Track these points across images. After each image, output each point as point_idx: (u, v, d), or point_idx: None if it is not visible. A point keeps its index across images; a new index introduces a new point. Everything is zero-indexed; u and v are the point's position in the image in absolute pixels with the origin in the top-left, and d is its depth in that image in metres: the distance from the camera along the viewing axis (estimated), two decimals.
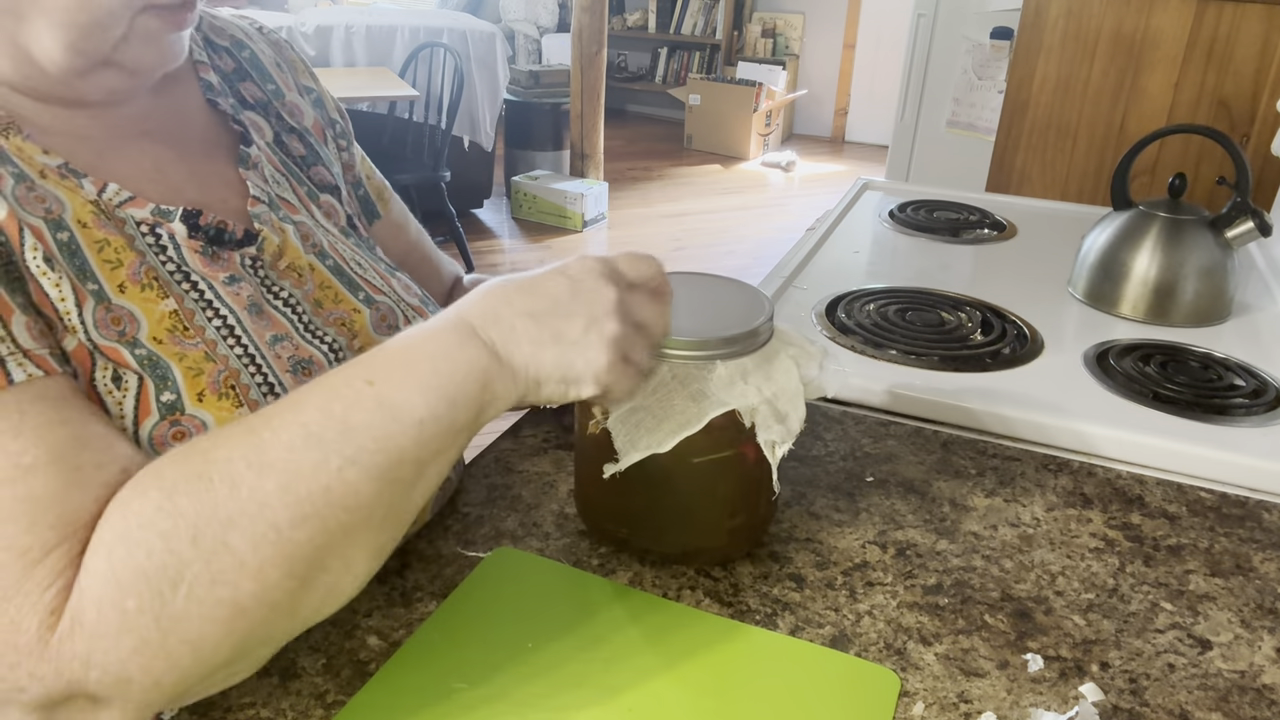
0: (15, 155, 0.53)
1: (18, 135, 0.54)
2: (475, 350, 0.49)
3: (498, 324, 0.50)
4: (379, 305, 0.68)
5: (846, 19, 6.22)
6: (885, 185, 1.74)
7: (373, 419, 0.47)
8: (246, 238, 0.61)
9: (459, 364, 0.49)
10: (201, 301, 0.57)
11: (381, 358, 0.49)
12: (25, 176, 0.52)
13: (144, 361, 0.53)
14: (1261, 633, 0.65)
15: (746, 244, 4.35)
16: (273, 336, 0.60)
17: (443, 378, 0.48)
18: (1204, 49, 1.89)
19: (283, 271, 0.63)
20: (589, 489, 0.69)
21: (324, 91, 0.79)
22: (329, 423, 0.46)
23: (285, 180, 0.69)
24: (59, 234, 0.52)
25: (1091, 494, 0.80)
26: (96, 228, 0.54)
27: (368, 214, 0.81)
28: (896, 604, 0.66)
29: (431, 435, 0.48)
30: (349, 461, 0.46)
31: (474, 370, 0.49)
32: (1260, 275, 1.33)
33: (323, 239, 0.68)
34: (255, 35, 0.75)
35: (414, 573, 0.67)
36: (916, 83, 2.83)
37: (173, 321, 0.55)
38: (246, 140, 0.66)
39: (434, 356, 0.49)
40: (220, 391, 0.55)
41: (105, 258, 0.54)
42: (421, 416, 0.47)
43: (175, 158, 0.62)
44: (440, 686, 0.56)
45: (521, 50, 6.17)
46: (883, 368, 1.00)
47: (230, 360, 0.56)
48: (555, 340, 0.51)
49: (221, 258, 0.60)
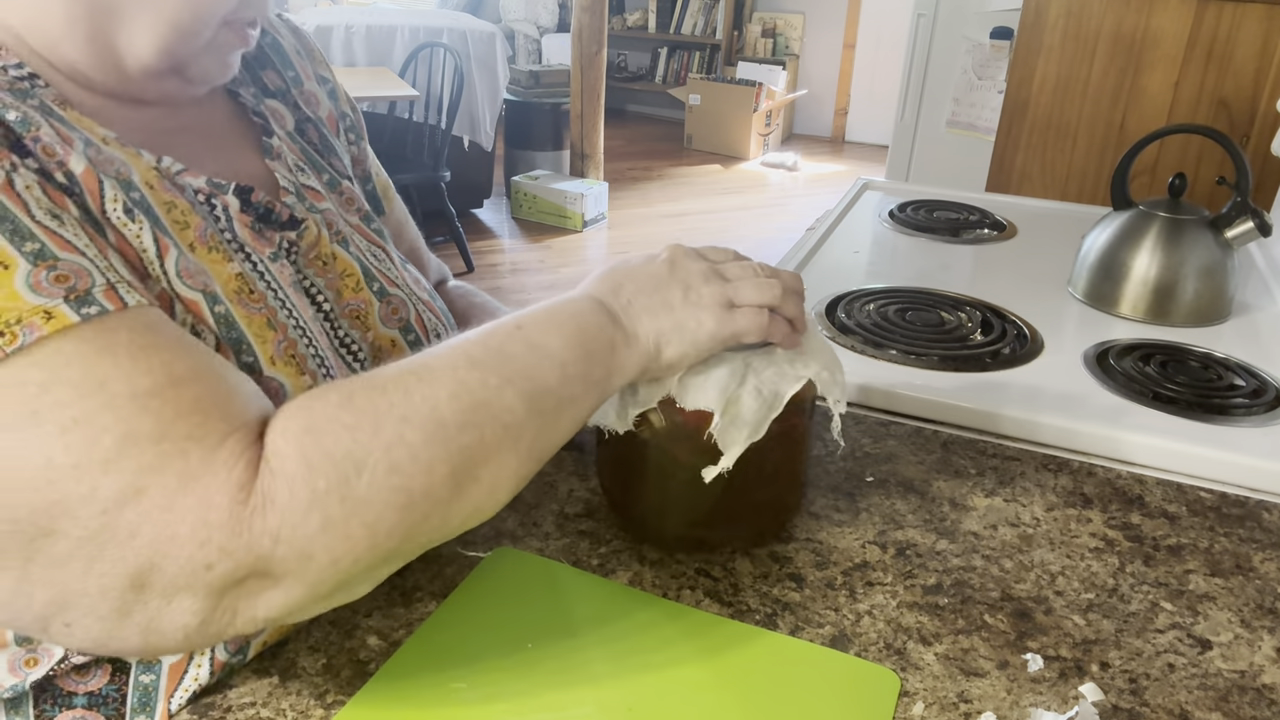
0: (76, 123, 0.54)
1: (74, 109, 0.55)
2: (605, 317, 0.57)
3: (617, 299, 0.58)
4: (391, 298, 0.69)
5: (846, 19, 6.22)
6: (885, 185, 1.74)
7: (524, 352, 0.53)
8: (291, 222, 0.63)
9: (592, 324, 0.56)
10: (255, 272, 0.59)
11: (529, 313, 0.56)
12: (91, 142, 0.53)
13: (220, 320, 0.54)
14: (1261, 633, 0.65)
15: (746, 244, 4.35)
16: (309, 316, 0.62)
17: (582, 333, 0.55)
18: (1204, 49, 1.89)
19: (310, 261, 0.65)
20: (658, 502, 0.68)
21: (338, 84, 0.80)
22: (488, 352, 0.52)
23: (308, 169, 0.70)
24: (131, 193, 0.53)
25: (1091, 494, 0.80)
26: (162, 190, 0.56)
27: (374, 210, 0.81)
28: (896, 604, 0.66)
29: (572, 377, 0.54)
30: (506, 381, 0.51)
31: (604, 332, 0.56)
32: (1260, 275, 1.33)
33: (344, 227, 0.69)
34: (277, 21, 0.75)
35: (414, 573, 0.67)
36: (916, 83, 2.83)
37: (239, 284, 0.56)
38: (268, 131, 0.67)
39: (575, 315, 0.56)
40: (285, 359, 0.57)
41: (174, 219, 0.55)
42: (564, 359, 0.54)
43: (210, 146, 0.63)
44: (440, 686, 0.56)
45: (521, 50, 6.17)
46: (883, 368, 1.00)
47: (289, 330, 0.58)
48: (666, 308, 0.58)
49: (265, 236, 0.61)
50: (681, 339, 0.58)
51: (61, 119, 0.53)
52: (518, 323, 0.54)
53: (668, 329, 0.58)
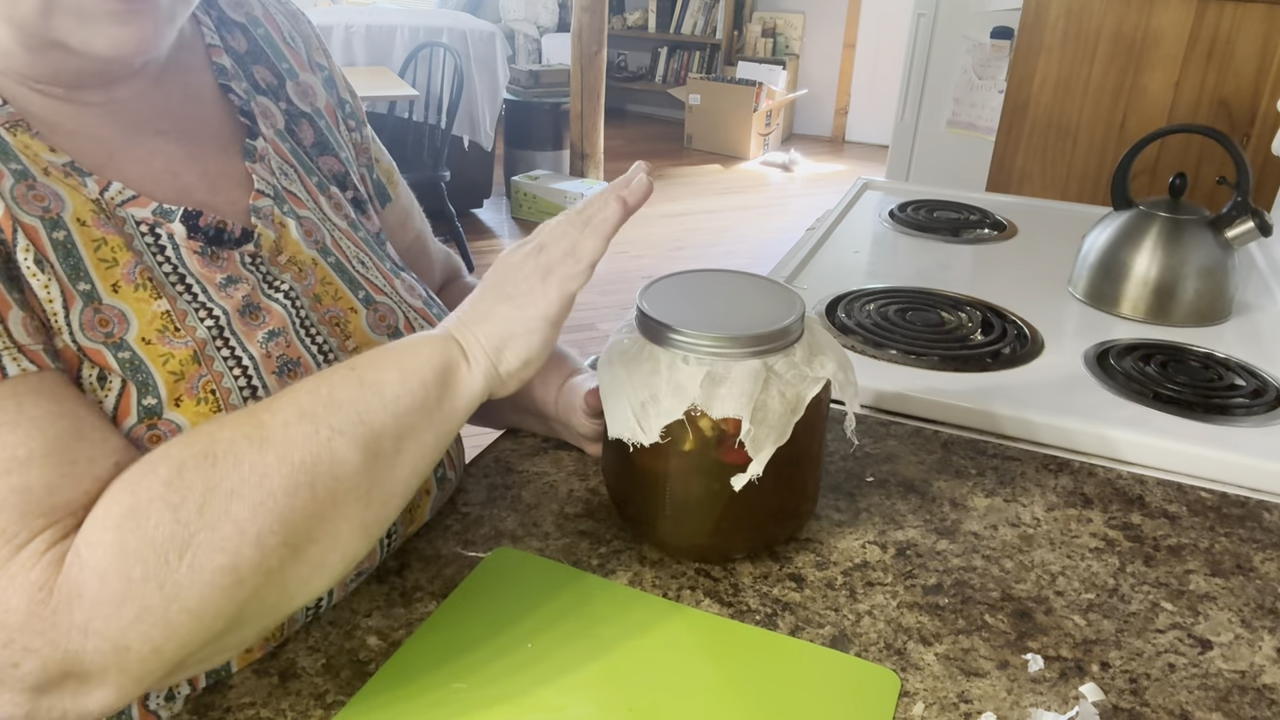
0: (21, 151, 0.53)
1: (25, 132, 0.54)
2: (441, 341, 0.56)
3: (458, 317, 0.57)
4: (378, 306, 0.68)
5: (846, 19, 6.22)
6: (885, 185, 1.74)
7: (354, 395, 0.52)
8: (244, 235, 0.62)
9: (428, 349, 0.55)
10: (195, 303, 0.57)
11: (365, 353, 0.55)
12: (27, 174, 0.53)
13: (125, 365, 0.53)
14: (1262, 633, 0.64)
15: (746, 244, 4.35)
16: (266, 334, 0.60)
17: (414, 359, 0.54)
18: (1204, 49, 1.89)
19: (284, 265, 0.63)
20: (679, 512, 0.67)
21: (335, 69, 0.78)
22: (318, 400, 0.51)
23: (294, 171, 0.68)
24: (55, 233, 0.53)
25: (1092, 494, 0.80)
26: (95, 226, 0.55)
27: (380, 197, 0.80)
28: (896, 604, 0.66)
29: (406, 410, 0.53)
30: (337, 432, 0.50)
31: (440, 356, 0.55)
32: (1260, 275, 1.33)
33: (327, 234, 0.68)
34: (273, 6, 0.73)
35: (414, 573, 0.67)
36: (916, 82, 2.83)
37: (164, 322, 0.56)
38: (253, 133, 0.66)
39: (410, 345, 0.56)
40: (199, 396, 0.55)
41: (101, 256, 0.54)
42: (397, 393, 0.53)
43: (186, 157, 0.62)
44: (440, 686, 0.56)
45: (521, 50, 6.17)
46: (883, 368, 1.00)
47: (216, 363, 0.57)
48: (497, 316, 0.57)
49: (221, 257, 0.60)
50: (515, 341, 0.56)
51: (3, 147, 0.52)
52: (351, 363, 0.54)
53: (501, 336, 0.56)
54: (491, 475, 0.79)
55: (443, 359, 0.55)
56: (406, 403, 0.53)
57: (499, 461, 0.81)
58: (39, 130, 0.55)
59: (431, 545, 0.70)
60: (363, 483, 0.51)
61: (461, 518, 0.73)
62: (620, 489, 0.71)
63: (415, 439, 0.53)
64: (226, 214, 0.61)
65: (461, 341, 0.56)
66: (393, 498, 0.54)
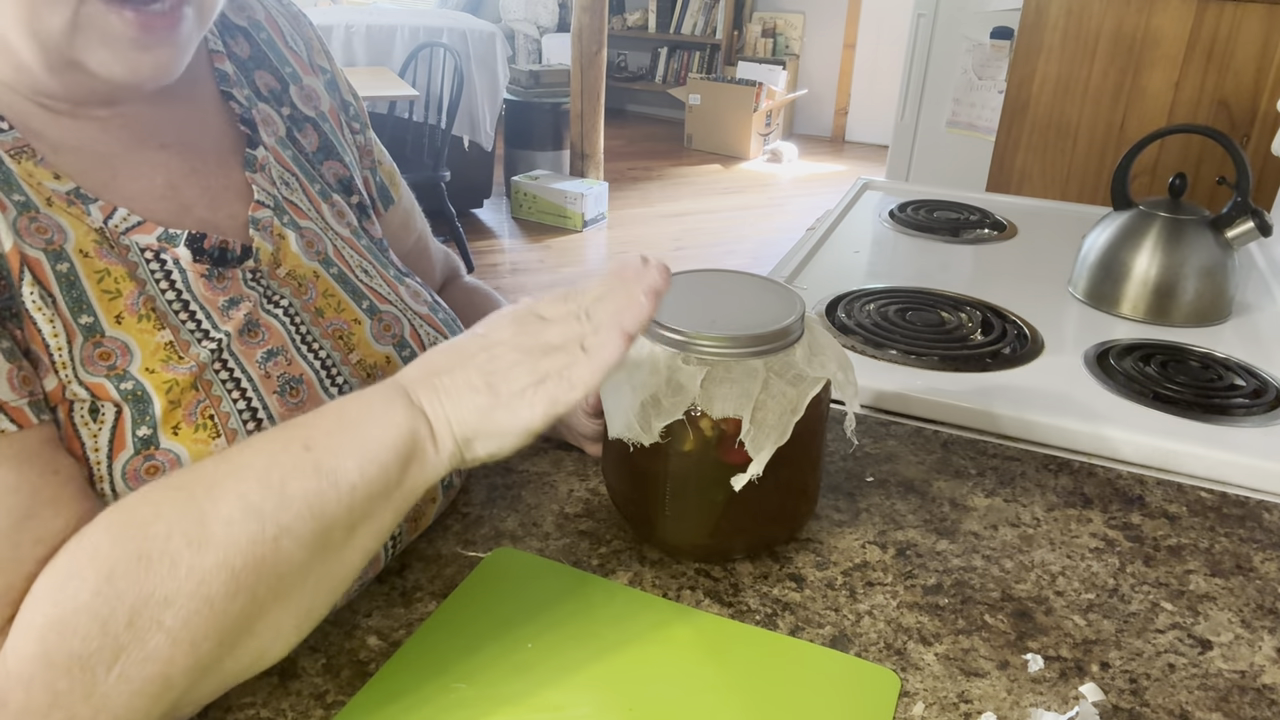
0: (24, 180, 0.53)
1: (30, 160, 0.53)
2: (406, 414, 0.51)
3: (430, 387, 0.52)
4: (382, 315, 0.67)
5: (846, 19, 6.22)
6: (885, 185, 1.74)
7: (308, 486, 0.48)
8: (244, 252, 0.61)
9: (387, 428, 0.51)
10: (199, 332, 0.57)
11: (320, 422, 0.51)
12: (30, 205, 0.52)
13: (128, 395, 0.53)
14: (1262, 633, 0.64)
15: (747, 244, 4.35)
16: (265, 353, 0.59)
17: (376, 442, 0.50)
18: (1204, 49, 1.89)
19: (283, 280, 0.63)
20: (679, 512, 0.67)
21: (338, 72, 0.77)
22: (267, 492, 0.48)
23: (295, 180, 0.68)
24: (59, 265, 0.52)
25: (1092, 494, 0.80)
26: (98, 257, 0.54)
27: (383, 200, 0.80)
28: (896, 604, 0.66)
29: (362, 498, 0.50)
30: (285, 530, 0.47)
31: (401, 433, 0.51)
32: (1260, 275, 1.33)
33: (329, 244, 0.67)
34: (274, 9, 0.73)
35: (414, 573, 0.67)
36: (916, 83, 2.83)
37: (167, 353, 0.55)
38: (253, 143, 0.66)
39: (364, 421, 0.51)
40: (198, 423, 0.54)
41: (104, 288, 0.54)
42: (354, 482, 0.49)
43: (189, 171, 0.61)
44: (440, 686, 0.56)
45: (521, 50, 6.17)
46: (883, 368, 1.00)
47: (214, 386, 0.56)
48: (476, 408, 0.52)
49: (226, 278, 0.59)
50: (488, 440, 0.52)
51: (7, 176, 0.52)
52: (306, 441, 0.50)
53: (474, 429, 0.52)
54: (491, 475, 0.79)
55: (407, 440, 0.51)
56: (364, 492, 0.50)
57: (499, 462, 0.81)
58: (43, 155, 0.54)
59: (432, 545, 0.70)
60: (309, 575, 0.49)
61: (461, 518, 0.73)
62: (620, 489, 0.71)
63: (370, 523, 0.51)
64: (228, 231, 0.61)
65: (431, 419, 0.52)
66: (341, 583, 0.52)
